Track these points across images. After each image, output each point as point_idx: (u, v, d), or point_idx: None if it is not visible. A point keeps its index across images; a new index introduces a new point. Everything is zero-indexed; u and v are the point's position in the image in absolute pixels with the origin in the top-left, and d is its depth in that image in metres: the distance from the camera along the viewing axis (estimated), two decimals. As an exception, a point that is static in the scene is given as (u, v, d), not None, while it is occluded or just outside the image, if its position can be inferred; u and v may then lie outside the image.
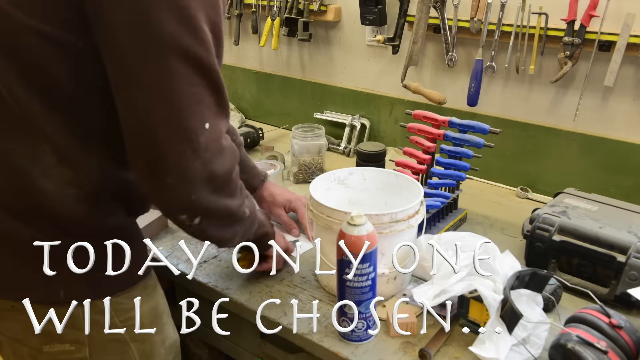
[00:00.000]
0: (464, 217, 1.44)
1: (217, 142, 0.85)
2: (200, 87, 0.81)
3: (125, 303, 0.95)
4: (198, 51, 0.79)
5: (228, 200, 0.91)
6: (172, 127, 0.80)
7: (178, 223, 0.90)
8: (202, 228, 0.90)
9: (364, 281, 0.96)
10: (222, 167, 0.87)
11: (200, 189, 0.84)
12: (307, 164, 1.65)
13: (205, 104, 0.82)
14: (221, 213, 0.91)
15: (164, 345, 1.04)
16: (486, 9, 1.52)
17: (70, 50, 0.80)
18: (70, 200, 0.88)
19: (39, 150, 0.85)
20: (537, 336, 0.96)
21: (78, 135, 0.86)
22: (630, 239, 1.10)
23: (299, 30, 1.92)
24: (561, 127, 1.54)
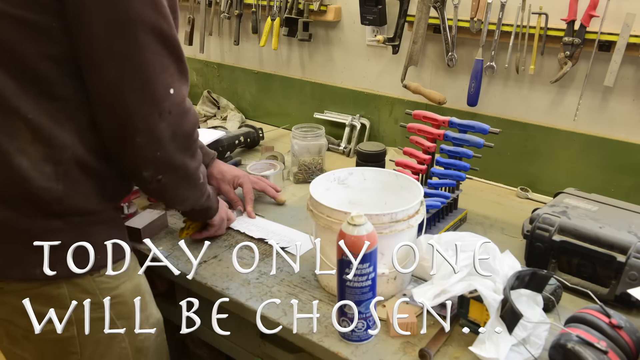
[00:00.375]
0: (464, 217, 1.44)
1: (181, 105, 0.96)
2: (164, 56, 0.92)
3: (108, 282, 1.01)
4: (161, 24, 0.90)
5: (188, 159, 1.03)
6: (141, 93, 0.90)
7: (141, 180, 1.00)
8: (162, 185, 1.01)
9: (364, 281, 0.96)
10: (185, 127, 0.99)
11: (166, 146, 0.96)
12: (307, 164, 1.65)
13: (169, 72, 0.93)
14: (181, 171, 1.02)
15: (149, 322, 1.11)
16: (486, 9, 1.52)
17: (45, 31, 0.87)
18: (46, 178, 0.92)
19: (14, 128, 0.89)
20: (537, 336, 0.96)
21: (52, 113, 0.91)
22: (630, 239, 1.10)
23: (299, 30, 1.92)
24: (561, 127, 1.54)
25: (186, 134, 0.99)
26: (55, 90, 0.91)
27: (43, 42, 0.87)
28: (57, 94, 0.91)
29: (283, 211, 1.49)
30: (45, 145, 0.91)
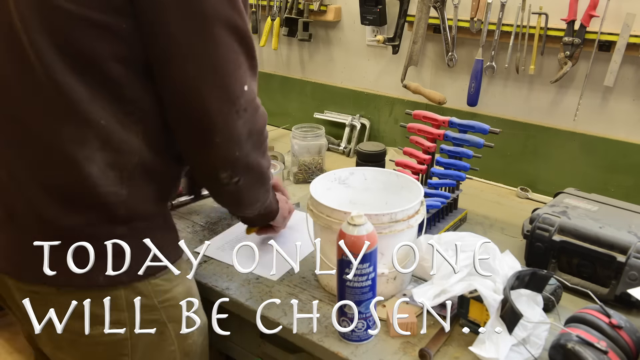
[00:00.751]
0: (464, 217, 1.44)
1: (254, 102, 0.95)
2: (239, 53, 0.90)
3: (162, 285, 0.99)
4: (237, 20, 0.88)
5: (261, 159, 1.00)
6: (220, 91, 0.88)
7: (217, 183, 0.97)
8: (239, 186, 0.98)
9: (364, 281, 0.96)
10: (259, 125, 0.97)
11: (244, 145, 0.94)
12: (307, 164, 1.65)
13: (243, 68, 0.91)
14: (257, 170, 1.00)
15: (197, 327, 1.07)
16: (486, 9, 1.52)
17: (115, 33, 0.84)
18: (111, 183, 0.91)
19: (84, 135, 0.88)
20: (537, 336, 0.96)
21: (121, 117, 0.89)
22: (630, 239, 1.10)
23: (299, 30, 1.92)
24: (561, 127, 1.54)
25: (259, 131, 0.97)
26: (127, 94, 0.89)
27: (113, 44, 0.85)
28: (127, 97, 0.89)
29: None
30: (114, 151, 0.90)
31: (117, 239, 0.91)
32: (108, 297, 0.89)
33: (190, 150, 0.95)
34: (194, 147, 0.94)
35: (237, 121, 0.91)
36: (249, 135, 0.94)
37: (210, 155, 0.93)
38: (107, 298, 0.89)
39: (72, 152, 0.88)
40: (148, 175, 0.95)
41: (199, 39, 0.85)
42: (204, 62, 0.86)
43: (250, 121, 0.94)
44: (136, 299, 0.91)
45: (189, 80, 0.87)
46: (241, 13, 0.88)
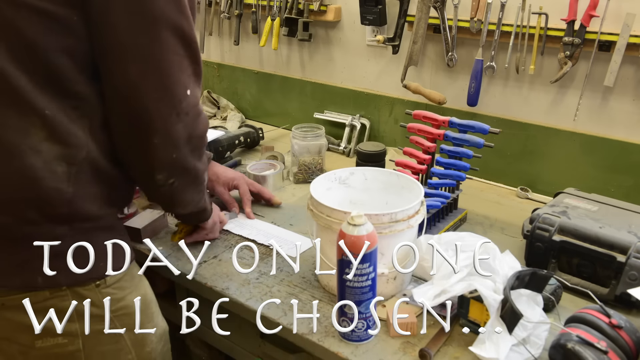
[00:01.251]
0: (464, 217, 1.44)
1: (196, 107, 0.95)
2: (183, 57, 0.91)
3: (114, 293, 0.98)
4: (183, 24, 0.89)
5: (199, 163, 1.02)
6: (161, 93, 0.89)
7: (152, 184, 0.98)
8: (174, 188, 1.00)
9: (364, 281, 0.96)
10: (199, 130, 0.98)
11: (181, 148, 0.95)
12: (307, 164, 1.65)
13: (187, 72, 0.92)
14: (192, 173, 1.02)
15: (155, 333, 1.08)
16: (486, 9, 1.52)
17: (63, 24, 0.84)
18: (57, 178, 0.89)
19: (30, 124, 0.87)
20: (537, 336, 0.96)
21: (68, 109, 0.89)
22: (630, 239, 1.10)
23: (299, 30, 1.92)
24: (561, 127, 1.54)
25: (199, 136, 0.98)
26: (72, 87, 0.88)
27: (62, 36, 0.85)
28: (74, 91, 0.89)
29: (283, 211, 1.49)
30: (60, 143, 0.89)
31: (57, 239, 0.88)
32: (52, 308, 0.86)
33: (128, 149, 0.95)
34: (132, 147, 0.94)
35: (177, 124, 0.92)
36: (188, 139, 0.95)
37: (148, 156, 0.93)
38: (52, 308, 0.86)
39: (15, 141, 0.86)
40: (96, 174, 0.94)
41: (144, 39, 0.86)
42: (148, 62, 0.87)
43: (191, 125, 0.94)
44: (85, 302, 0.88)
45: (131, 80, 0.87)
46: (188, 18, 0.90)
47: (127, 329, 0.99)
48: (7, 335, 0.95)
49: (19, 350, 0.96)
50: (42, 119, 0.87)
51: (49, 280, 0.90)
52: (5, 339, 0.96)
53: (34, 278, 0.91)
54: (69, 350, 0.96)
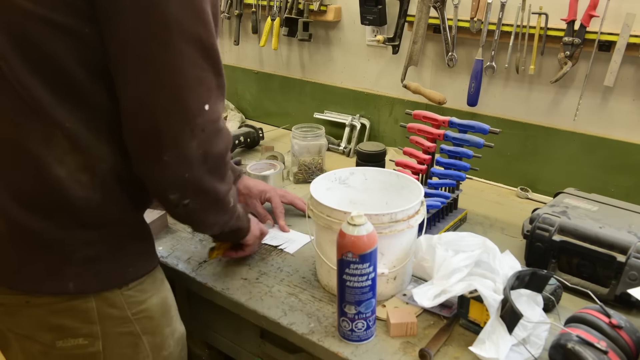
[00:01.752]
0: (464, 217, 1.44)
1: (215, 123, 0.87)
2: (202, 68, 0.83)
3: (136, 296, 0.97)
4: (201, 33, 0.81)
5: (218, 183, 0.93)
6: (172, 107, 0.82)
7: (167, 203, 0.91)
8: (189, 209, 0.92)
9: (364, 281, 0.96)
10: (218, 148, 0.89)
11: (195, 168, 0.87)
12: (307, 164, 1.65)
13: (206, 86, 0.84)
14: (210, 196, 0.93)
15: (173, 337, 1.06)
16: (486, 9, 1.52)
17: (77, 36, 0.82)
18: (83, 187, 0.88)
19: (51, 136, 0.85)
20: (537, 336, 0.96)
21: (88, 121, 0.87)
22: (630, 239, 1.10)
23: (299, 30, 1.92)
24: (561, 127, 1.54)
25: (218, 155, 0.90)
26: (91, 99, 0.86)
27: (76, 48, 0.82)
28: (93, 103, 0.86)
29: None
30: (83, 154, 0.87)
31: (87, 245, 0.90)
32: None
33: (139, 164, 0.89)
34: (142, 162, 0.88)
35: (191, 141, 0.84)
36: (203, 158, 0.87)
37: (158, 173, 0.87)
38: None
39: (39, 153, 0.85)
40: (121, 181, 0.92)
41: (155, 49, 0.79)
42: (159, 74, 0.81)
43: (207, 143, 0.86)
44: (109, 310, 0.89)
45: (141, 91, 0.82)
46: (208, 26, 0.83)
47: (147, 333, 0.99)
48: (30, 333, 0.95)
49: (40, 350, 0.95)
50: (63, 131, 0.85)
51: (80, 286, 0.91)
52: (28, 337, 0.96)
53: (66, 284, 0.90)
54: (89, 352, 0.95)
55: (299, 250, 1.30)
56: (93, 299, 0.92)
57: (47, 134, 0.85)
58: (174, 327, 1.06)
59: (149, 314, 0.99)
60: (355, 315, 0.98)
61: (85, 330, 0.93)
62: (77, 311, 0.92)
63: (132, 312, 0.96)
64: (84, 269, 0.90)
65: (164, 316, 1.03)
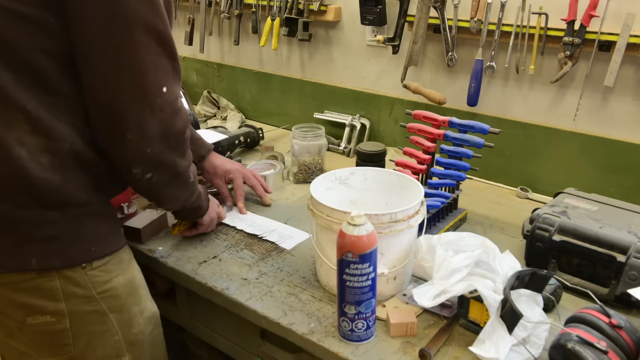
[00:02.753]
0: (464, 217, 1.44)
1: (173, 103, 0.97)
2: (159, 55, 0.93)
3: (100, 276, 1.02)
4: (157, 23, 0.91)
5: (178, 158, 1.03)
6: (134, 90, 0.91)
7: (131, 177, 1.00)
8: (152, 183, 1.02)
9: (364, 281, 0.96)
10: (177, 126, 0.99)
11: (156, 143, 0.97)
12: (307, 164, 1.65)
13: (163, 70, 0.94)
14: (171, 170, 1.03)
15: (142, 316, 1.11)
16: (486, 9, 1.52)
17: (41, 26, 0.88)
18: (43, 168, 0.93)
19: (13, 119, 0.90)
20: (537, 336, 0.96)
21: (50, 106, 0.92)
22: (630, 239, 1.10)
23: (299, 30, 1.92)
24: (561, 127, 1.54)
25: (177, 132, 1.00)
26: (53, 85, 0.92)
27: (41, 36, 0.88)
28: (55, 88, 0.92)
29: (283, 211, 1.49)
30: (44, 136, 0.92)
31: (48, 224, 0.95)
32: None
33: (105, 143, 0.98)
34: (108, 142, 0.97)
35: (150, 120, 0.94)
36: (163, 135, 0.96)
37: (122, 150, 0.96)
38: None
39: (1, 134, 0.90)
40: (82, 163, 0.97)
41: (116, 40, 0.88)
42: (120, 61, 0.89)
43: (166, 121, 0.96)
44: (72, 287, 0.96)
45: (104, 78, 0.90)
46: (162, 16, 0.92)
47: (114, 312, 1.04)
48: (3, 309, 1.01)
49: (15, 326, 1.01)
50: (25, 114, 0.91)
51: (42, 263, 0.96)
52: (2, 313, 1.02)
53: (29, 261, 0.96)
54: (57, 329, 1.00)
55: (299, 250, 1.30)
56: (57, 278, 0.97)
57: (9, 117, 0.90)
58: (142, 306, 1.11)
59: (114, 293, 1.04)
60: (355, 315, 0.98)
61: (52, 308, 0.98)
62: (41, 289, 0.97)
63: (97, 291, 1.01)
64: (46, 247, 0.95)
65: (130, 295, 1.08)
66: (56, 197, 0.95)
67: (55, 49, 0.90)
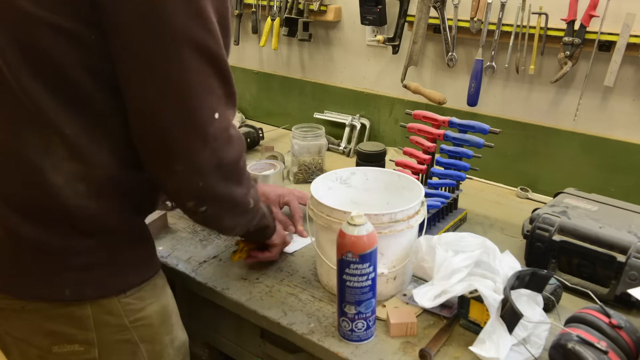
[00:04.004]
0: (464, 217, 1.44)
1: (226, 131, 0.87)
2: (210, 77, 0.83)
3: (134, 304, 0.95)
4: (208, 42, 0.81)
5: (235, 188, 0.93)
6: (182, 117, 0.82)
7: (185, 210, 0.92)
8: (209, 215, 0.92)
9: (364, 281, 0.96)
10: (230, 156, 0.89)
11: (209, 176, 0.87)
12: (307, 164, 1.65)
13: (215, 95, 0.84)
14: (227, 201, 0.93)
15: (173, 346, 1.04)
16: (486, 9, 1.52)
17: (82, 42, 0.80)
18: (79, 195, 0.87)
19: (50, 143, 0.84)
20: (537, 336, 0.96)
21: (89, 128, 0.86)
22: (630, 239, 1.10)
23: (299, 30, 1.92)
24: (561, 127, 1.54)
25: (232, 162, 0.90)
26: (94, 105, 0.85)
27: (82, 53, 0.81)
28: (95, 109, 0.85)
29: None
30: (81, 162, 0.86)
31: (85, 252, 0.89)
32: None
33: (151, 173, 0.89)
34: (155, 171, 0.88)
35: (203, 151, 0.84)
36: (217, 167, 0.87)
37: (171, 183, 0.87)
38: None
39: (36, 160, 0.84)
40: (118, 188, 0.91)
41: (162, 60, 0.79)
42: (167, 84, 0.80)
43: (220, 152, 0.86)
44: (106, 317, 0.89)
45: (149, 102, 0.81)
46: (214, 34, 0.82)
47: (145, 342, 0.98)
48: (26, 337, 0.94)
49: (36, 354, 0.95)
50: (63, 137, 0.84)
51: (76, 293, 0.90)
52: (24, 341, 0.95)
53: (62, 290, 0.90)
54: (85, 358, 0.94)
55: (299, 250, 1.30)
56: (89, 306, 0.91)
57: (46, 141, 0.84)
58: (174, 335, 1.04)
59: (147, 322, 0.97)
60: (355, 315, 0.98)
61: (81, 336, 0.92)
62: (72, 317, 0.91)
63: (130, 319, 0.95)
64: (81, 276, 0.90)
65: (163, 324, 1.01)
66: (92, 225, 0.90)
67: (97, 67, 0.82)
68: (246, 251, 1.20)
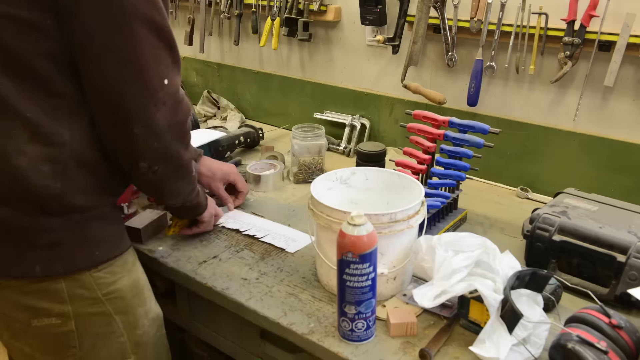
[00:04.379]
0: (464, 217, 1.44)
1: (175, 95, 0.98)
2: (159, 48, 0.93)
3: (106, 277, 1.03)
4: (155, 16, 0.91)
5: (182, 150, 1.04)
6: (137, 85, 0.91)
7: (137, 171, 1.00)
8: (158, 175, 1.02)
9: (364, 281, 0.96)
10: (180, 116, 1.00)
11: (162, 136, 0.97)
12: (307, 164, 1.65)
13: (164, 63, 0.94)
14: (175, 161, 1.03)
15: (147, 317, 1.12)
16: (486, 9, 1.52)
17: (39, 29, 0.87)
18: (43, 176, 0.93)
19: (12, 128, 0.90)
20: (537, 336, 0.96)
21: (50, 111, 0.92)
22: (630, 239, 1.10)
23: (299, 30, 1.92)
24: (561, 127, 1.54)
25: (180, 123, 1.01)
26: (53, 88, 0.92)
27: (39, 39, 0.88)
28: (55, 91, 0.92)
29: (283, 211, 1.49)
30: (44, 144, 0.92)
31: (52, 230, 0.95)
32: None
33: (111, 140, 0.98)
34: (115, 138, 0.97)
35: (156, 113, 0.94)
36: (168, 127, 0.97)
37: (130, 145, 0.96)
38: None
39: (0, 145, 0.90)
40: (83, 167, 0.97)
41: (116, 35, 0.88)
42: (122, 56, 0.89)
43: (170, 113, 0.97)
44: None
45: (109, 75, 0.90)
46: (160, 9, 0.92)
47: (119, 313, 1.04)
48: (8, 312, 1.01)
49: (20, 328, 1.01)
50: (24, 121, 0.90)
51: (46, 270, 0.96)
52: (8, 315, 1.02)
53: (32, 267, 0.96)
54: (63, 331, 1.00)
55: (299, 251, 1.30)
56: (62, 280, 0.98)
57: (7, 126, 0.90)
58: (147, 308, 1.12)
59: (120, 294, 1.05)
60: (355, 315, 0.98)
61: (57, 310, 0.98)
62: (47, 292, 0.97)
63: (103, 292, 1.02)
64: (49, 254, 0.96)
65: (135, 297, 1.08)
66: (57, 204, 0.95)
67: (54, 51, 0.89)
68: (179, 226, 1.32)
